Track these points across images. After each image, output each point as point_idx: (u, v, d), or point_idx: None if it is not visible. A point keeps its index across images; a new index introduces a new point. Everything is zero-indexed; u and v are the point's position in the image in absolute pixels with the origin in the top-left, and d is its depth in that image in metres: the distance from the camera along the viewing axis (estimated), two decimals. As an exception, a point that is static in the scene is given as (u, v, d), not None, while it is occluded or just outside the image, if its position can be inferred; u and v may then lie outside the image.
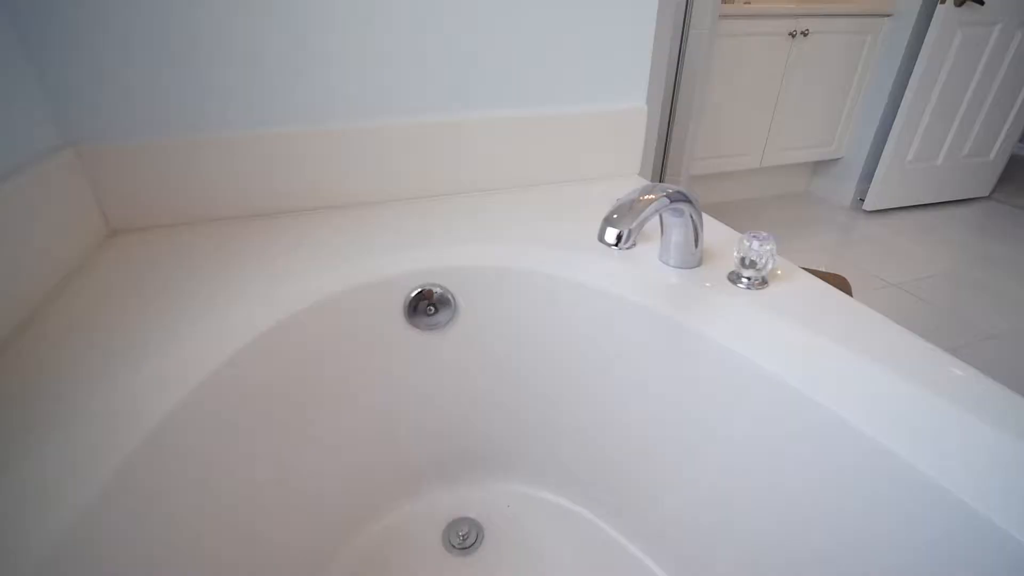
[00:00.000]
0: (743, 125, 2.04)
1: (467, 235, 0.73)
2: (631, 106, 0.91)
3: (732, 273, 0.61)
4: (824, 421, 0.47)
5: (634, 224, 0.47)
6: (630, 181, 0.95)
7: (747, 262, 0.58)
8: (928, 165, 2.19)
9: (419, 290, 0.68)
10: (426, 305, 0.69)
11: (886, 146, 2.07)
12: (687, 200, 0.56)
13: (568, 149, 0.91)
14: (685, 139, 1.60)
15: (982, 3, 1.84)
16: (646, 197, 0.52)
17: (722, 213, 2.23)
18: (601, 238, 0.47)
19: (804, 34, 1.92)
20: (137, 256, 0.67)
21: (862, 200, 2.25)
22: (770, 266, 0.59)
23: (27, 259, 0.56)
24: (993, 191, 2.52)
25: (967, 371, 0.45)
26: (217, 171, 0.74)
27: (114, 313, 0.55)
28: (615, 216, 0.49)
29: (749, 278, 0.59)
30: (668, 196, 0.53)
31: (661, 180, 1.68)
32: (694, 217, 0.58)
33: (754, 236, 0.57)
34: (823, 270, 1.73)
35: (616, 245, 0.47)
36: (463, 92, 0.82)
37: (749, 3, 2.26)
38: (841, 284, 1.61)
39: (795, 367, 0.50)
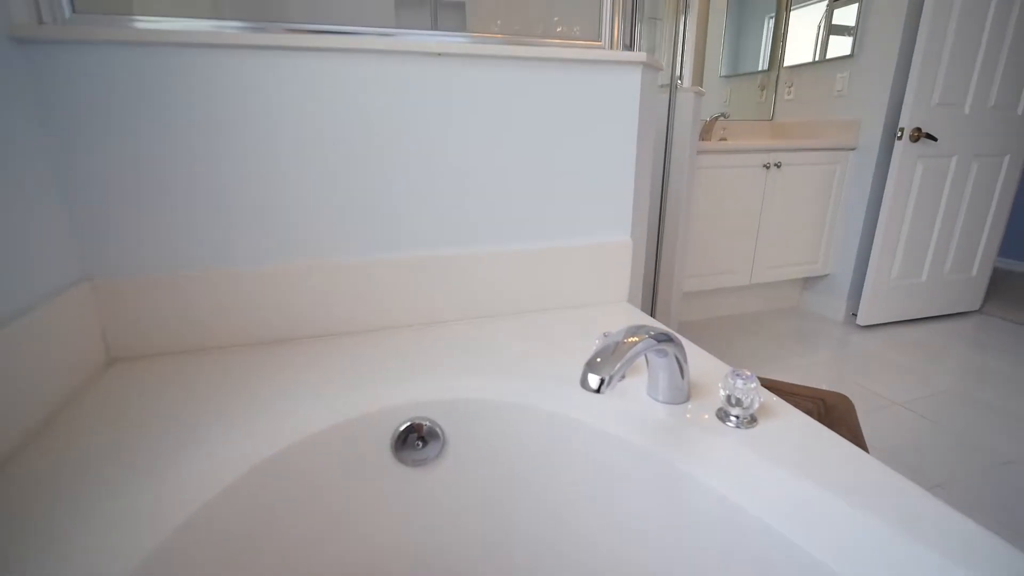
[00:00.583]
0: (730, 245, 2.15)
1: (458, 366, 0.74)
2: (617, 240, 0.98)
3: (720, 410, 0.61)
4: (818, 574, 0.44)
5: (615, 369, 0.49)
6: (619, 307, 0.99)
7: (733, 400, 0.59)
8: (914, 282, 2.26)
9: (408, 423, 0.68)
10: (415, 439, 0.68)
11: (869, 265, 2.15)
12: (670, 340, 0.58)
13: (560, 279, 0.96)
14: (673, 260, 1.68)
15: (935, 139, 2.03)
16: (629, 340, 0.54)
17: (717, 328, 2.27)
18: (583, 384, 0.48)
19: (777, 166, 2.10)
20: (134, 384, 0.68)
21: (855, 315, 2.29)
22: (756, 404, 0.59)
23: (32, 384, 0.57)
24: (983, 304, 2.57)
25: (964, 523, 0.43)
26: (212, 303, 0.78)
27: (109, 440, 0.55)
28: (598, 360, 0.51)
29: (737, 416, 0.59)
30: (652, 337, 0.56)
31: (654, 297, 1.74)
32: (678, 356, 0.60)
33: (737, 375, 0.58)
34: (825, 388, 1.72)
35: (598, 391, 0.48)
36: (460, 228, 0.89)
37: (725, 139, 2.50)
38: (843, 403, 1.58)
39: (787, 514, 0.48)
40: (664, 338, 0.58)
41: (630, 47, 1.06)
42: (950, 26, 1.93)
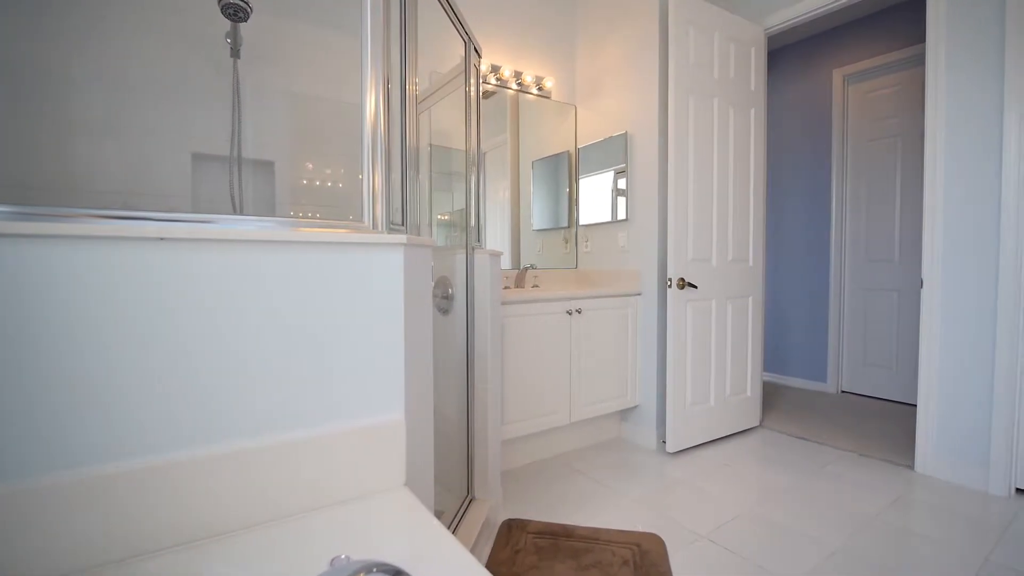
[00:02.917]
0: (547, 387, 2.25)
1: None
2: (389, 419, 0.91)
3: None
4: None
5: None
6: (394, 497, 0.89)
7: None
8: (705, 406, 2.55)
9: None
10: None
11: (667, 395, 2.40)
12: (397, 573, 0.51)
13: (322, 472, 0.84)
14: (487, 412, 1.67)
15: (696, 287, 2.46)
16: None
17: (542, 471, 2.25)
18: None
19: (578, 311, 2.33)
20: None
21: (664, 442, 2.47)
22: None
23: None
24: (762, 419, 2.99)
25: None
26: None
27: None
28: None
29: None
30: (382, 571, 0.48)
31: (468, 449, 1.67)
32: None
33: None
34: (640, 529, 1.74)
35: None
36: (197, 425, 0.75)
37: (537, 287, 2.73)
38: (656, 547, 1.60)
39: None
40: (392, 572, 0.50)
41: (401, 224, 1.11)
42: (689, 200, 2.47)
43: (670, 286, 2.40)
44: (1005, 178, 2.01)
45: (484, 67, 2.66)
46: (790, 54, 3.89)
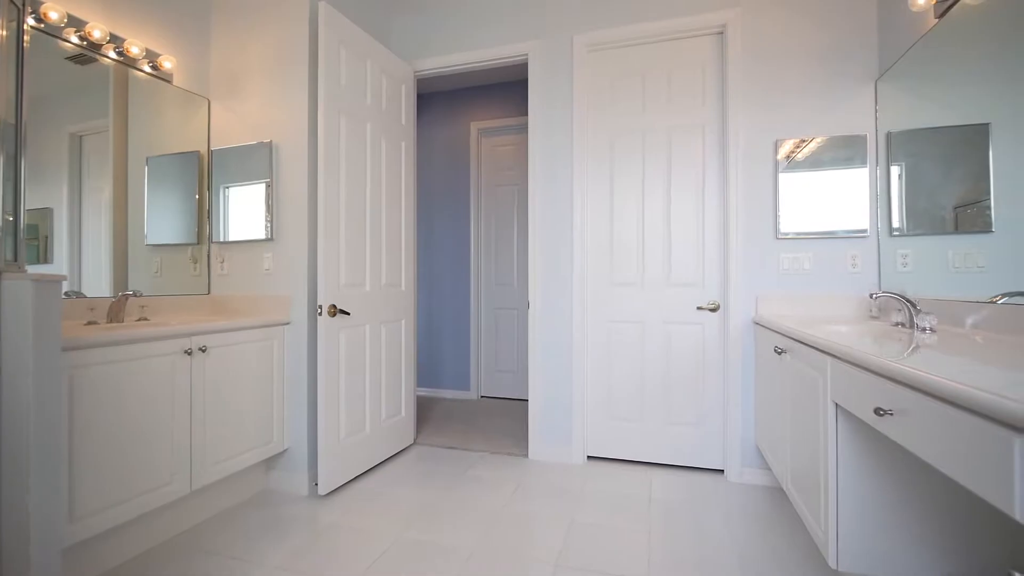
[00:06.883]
0: (157, 453, 1.73)
1: None
2: None
3: None
4: None
5: None
6: None
7: None
8: (360, 436, 2.49)
9: None
10: None
11: (318, 432, 2.21)
12: None
13: None
14: (27, 508, 1.12)
15: (348, 313, 2.38)
16: None
17: (151, 564, 1.71)
18: None
19: (202, 350, 1.90)
20: None
21: (317, 484, 2.27)
22: None
23: None
24: (417, 436, 3.15)
25: None
26: None
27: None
28: None
29: None
30: None
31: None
32: None
33: None
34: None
35: None
36: None
37: (146, 319, 2.13)
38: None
39: None
40: None
41: None
42: (341, 223, 2.38)
43: (320, 314, 2.24)
44: (575, 225, 2.70)
45: (55, 15, 1.92)
46: (440, 101, 4.35)
